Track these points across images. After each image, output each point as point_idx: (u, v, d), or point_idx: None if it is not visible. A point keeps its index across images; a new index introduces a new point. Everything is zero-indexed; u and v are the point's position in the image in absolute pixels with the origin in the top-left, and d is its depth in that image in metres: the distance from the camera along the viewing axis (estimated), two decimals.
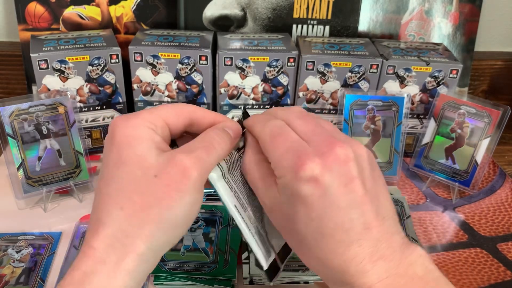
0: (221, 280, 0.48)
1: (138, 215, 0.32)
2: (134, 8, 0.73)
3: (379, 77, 0.66)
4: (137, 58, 0.64)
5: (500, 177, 0.69)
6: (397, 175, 0.65)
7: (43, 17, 0.72)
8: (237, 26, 0.72)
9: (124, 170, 0.32)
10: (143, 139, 0.33)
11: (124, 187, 0.32)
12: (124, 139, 0.33)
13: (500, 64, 0.83)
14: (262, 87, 0.67)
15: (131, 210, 0.32)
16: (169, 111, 0.35)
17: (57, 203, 0.60)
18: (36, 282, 0.48)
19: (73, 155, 0.59)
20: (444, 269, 0.53)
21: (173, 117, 0.36)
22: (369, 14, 0.74)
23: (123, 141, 0.33)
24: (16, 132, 0.56)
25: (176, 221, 0.33)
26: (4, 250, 0.51)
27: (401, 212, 0.57)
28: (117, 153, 0.33)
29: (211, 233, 0.53)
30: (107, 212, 0.32)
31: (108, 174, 0.33)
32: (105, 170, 0.33)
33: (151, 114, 0.34)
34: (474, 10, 0.76)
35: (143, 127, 0.33)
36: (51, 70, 0.62)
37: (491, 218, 0.61)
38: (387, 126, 0.64)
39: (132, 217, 0.31)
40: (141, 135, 0.33)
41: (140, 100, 0.67)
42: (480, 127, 0.62)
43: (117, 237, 0.31)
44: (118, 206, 0.32)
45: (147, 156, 0.32)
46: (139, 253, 0.31)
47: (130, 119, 0.34)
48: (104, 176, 0.33)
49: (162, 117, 0.35)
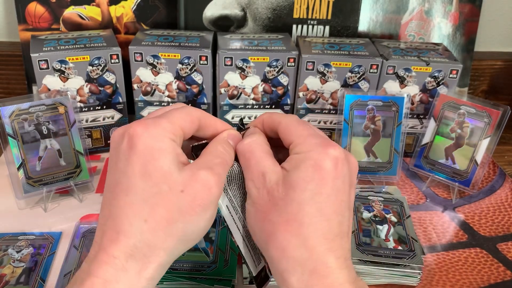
0: (221, 280, 0.48)
1: (162, 228, 0.32)
2: (134, 8, 0.73)
3: (379, 77, 0.66)
4: (137, 58, 0.64)
5: (500, 177, 0.69)
6: (397, 175, 0.65)
7: (43, 17, 0.72)
8: (237, 26, 0.72)
9: (148, 182, 0.32)
10: (167, 152, 0.33)
11: (148, 199, 0.32)
12: (147, 151, 0.33)
13: (500, 64, 0.83)
14: (262, 87, 0.67)
15: (155, 223, 0.32)
16: (185, 119, 0.36)
17: (57, 203, 0.60)
18: (36, 282, 0.48)
19: (73, 155, 0.59)
20: (444, 269, 0.53)
21: (188, 124, 0.36)
22: (369, 14, 0.74)
23: (147, 153, 0.33)
24: (17, 132, 0.56)
25: (197, 234, 0.34)
26: (4, 250, 0.51)
27: (401, 212, 0.57)
28: (141, 165, 0.33)
29: (211, 233, 0.53)
30: (128, 222, 0.32)
31: (129, 183, 0.33)
32: (123, 178, 0.33)
33: (172, 124, 0.34)
34: (474, 10, 0.76)
35: (166, 139, 0.34)
36: (51, 70, 0.62)
37: (491, 218, 0.61)
38: (387, 126, 0.64)
39: (157, 230, 0.32)
40: (164, 148, 0.33)
41: (140, 100, 0.67)
42: (480, 127, 0.62)
43: (139, 247, 0.32)
44: (142, 218, 0.32)
45: (172, 170, 0.33)
46: (160, 263, 0.33)
47: (151, 129, 0.33)
48: (122, 183, 0.33)
49: (181, 127, 0.35)
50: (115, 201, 0.33)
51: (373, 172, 0.65)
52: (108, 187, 0.34)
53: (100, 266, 0.31)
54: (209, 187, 0.33)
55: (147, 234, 0.32)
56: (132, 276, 0.32)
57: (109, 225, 0.33)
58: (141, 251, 0.32)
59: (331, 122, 0.70)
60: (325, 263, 0.33)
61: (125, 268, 0.31)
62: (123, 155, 0.33)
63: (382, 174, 0.65)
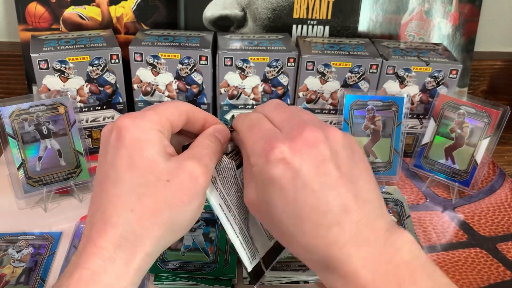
0: (221, 280, 0.48)
1: (149, 218, 0.33)
2: (134, 8, 0.73)
3: (379, 77, 0.66)
4: (137, 58, 0.64)
5: (500, 177, 0.69)
6: (397, 175, 0.65)
7: (43, 17, 0.72)
8: (237, 26, 0.72)
9: (135, 173, 0.33)
10: (154, 143, 0.34)
11: (135, 190, 0.33)
12: (134, 142, 0.33)
13: (499, 64, 0.83)
14: (262, 87, 0.67)
15: (142, 212, 0.32)
16: (173, 112, 0.36)
17: (58, 203, 0.60)
18: (36, 282, 0.48)
19: (74, 155, 0.59)
20: (444, 269, 0.53)
21: (176, 117, 0.36)
22: (369, 14, 0.74)
23: (134, 144, 0.33)
24: (17, 132, 0.56)
25: (184, 224, 0.35)
26: (4, 250, 0.51)
27: (401, 212, 0.57)
28: (128, 156, 0.33)
29: (211, 233, 0.53)
30: (116, 213, 0.32)
31: (116, 175, 0.33)
32: (111, 170, 0.33)
33: (159, 116, 0.35)
34: (474, 10, 0.76)
35: (153, 131, 0.34)
36: (52, 70, 0.62)
37: (490, 218, 0.61)
38: (387, 126, 0.64)
39: (143, 219, 0.32)
40: (151, 139, 0.34)
41: (140, 100, 0.67)
42: (480, 127, 0.62)
43: (127, 238, 0.32)
44: (129, 208, 0.32)
45: (158, 161, 0.33)
46: (147, 253, 0.33)
47: (138, 120, 0.34)
48: (110, 176, 0.33)
49: (168, 119, 0.36)
50: (104, 194, 0.33)
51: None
52: (98, 181, 0.35)
53: (89, 257, 0.32)
54: (195, 177, 0.33)
55: (134, 224, 0.32)
56: (119, 266, 0.32)
57: (97, 217, 0.33)
58: (128, 241, 0.32)
59: (331, 122, 0.70)
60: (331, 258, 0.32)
61: (113, 259, 0.32)
62: (111, 148, 0.34)
63: (382, 174, 0.65)
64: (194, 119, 0.38)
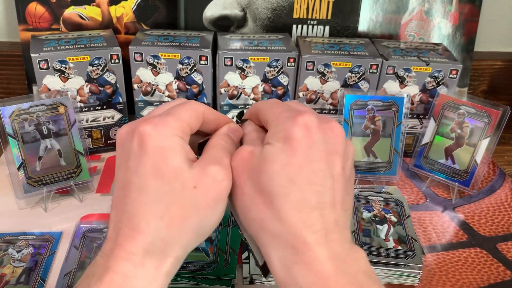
0: (221, 280, 0.48)
1: (178, 225, 0.33)
2: (134, 8, 0.73)
3: (379, 77, 0.66)
4: (138, 58, 0.64)
5: (500, 177, 0.69)
6: (397, 175, 0.65)
7: (43, 17, 0.72)
8: (237, 26, 0.72)
9: (161, 181, 0.33)
10: (177, 150, 0.34)
11: (162, 198, 0.33)
12: (158, 150, 0.33)
13: (499, 64, 0.83)
14: (262, 87, 0.67)
15: (171, 220, 0.33)
16: (192, 115, 0.36)
17: (58, 203, 0.60)
18: (37, 282, 0.48)
19: (74, 155, 0.59)
20: (444, 269, 0.53)
21: (194, 120, 0.36)
22: (369, 14, 0.74)
23: (158, 152, 0.33)
24: (17, 132, 0.56)
25: (210, 227, 0.35)
26: (4, 250, 0.51)
27: (401, 212, 0.57)
28: (152, 164, 0.33)
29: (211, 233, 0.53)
30: (144, 220, 0.33)
31: (141, 183, 0.33)
32: (134, 177, 0.33)
33: (180, 122, 0.35)
34: (474, 10, 0.76)
35: (175, 137, 0.34)
36: (52, 70, 0.62)
37: (490, 218, 0.61)
38: (387, 126, 0.64)
39: (173, 226, 0.33)
40: (174, 147, 0.34)
41: (140, 100, 0.67)
42: (480, 127, 0.62)
43: (156, 244, 0.33)
44: (158, 216, 0.33)
45: (183, 168, 0.33)
46: (177, 257, 0.34)
47: (160, 128, 0.34)
48: (134, 182, 0.33)
49: (188, 124, 0.36)
50: (128, 199, 0.33)
51: (373, 172, 0.65)
52: (119, 185, 0.35)
53: (118, 262, 0.32)
54: (219, 180, 0.34)
55: (164, 231, 0.33)
56: (150, 271, 0.33)
57: (124, 222, 0.33)
58: (158, 247, 0.33)
59: None
60: (302, 238, 0.32)
61: (143, 264, 0.32)
62: (133, 155, 0.34)
63: (382, 174, 0.65)
64: (209, 120, 0.38)
